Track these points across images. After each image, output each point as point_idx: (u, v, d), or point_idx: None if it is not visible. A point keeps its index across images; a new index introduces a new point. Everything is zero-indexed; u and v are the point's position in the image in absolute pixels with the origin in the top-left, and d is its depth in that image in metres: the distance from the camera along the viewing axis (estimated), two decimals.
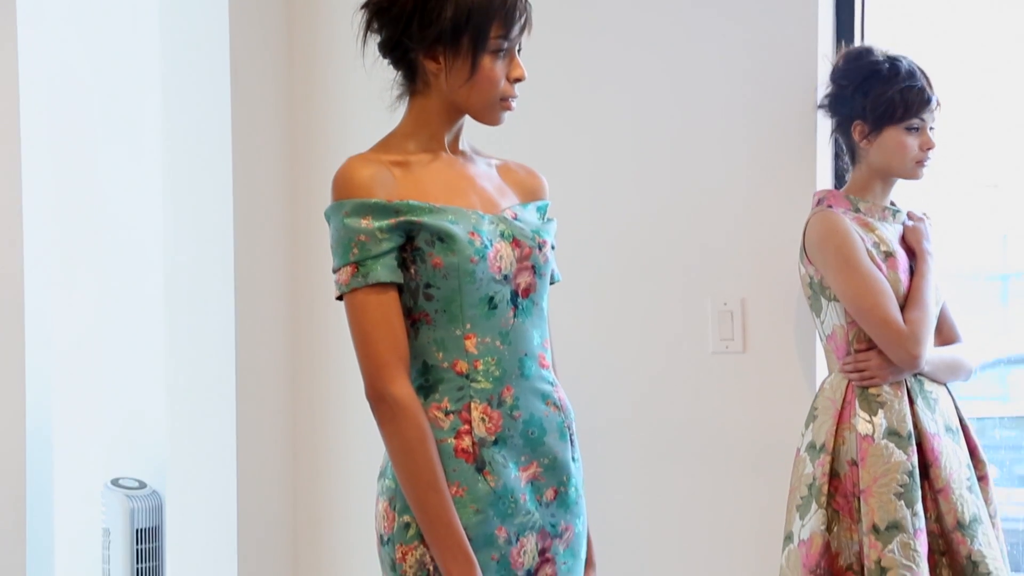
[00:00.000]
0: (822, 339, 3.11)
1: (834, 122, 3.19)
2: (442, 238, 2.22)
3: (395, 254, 2.21)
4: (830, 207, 3.09)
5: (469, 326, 2.25)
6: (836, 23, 3.40)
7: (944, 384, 3.07)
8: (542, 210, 2.41)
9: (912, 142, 3.06)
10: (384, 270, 2.19)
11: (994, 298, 3.73)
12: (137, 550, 4.12)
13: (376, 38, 2.30)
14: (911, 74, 3.05)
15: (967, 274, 3.60)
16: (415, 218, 2.21)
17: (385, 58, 2.31)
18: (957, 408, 3.07)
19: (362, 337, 2.19)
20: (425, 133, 2.31)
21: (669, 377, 3.46)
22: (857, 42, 3.35)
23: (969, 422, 3.08)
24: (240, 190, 3.88)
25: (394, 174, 2.25)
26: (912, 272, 3.05)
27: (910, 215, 3.15)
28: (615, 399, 3.51)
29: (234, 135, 3.85)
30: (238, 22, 3.86)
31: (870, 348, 2.99)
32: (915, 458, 2.91)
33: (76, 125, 4.29)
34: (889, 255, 3.03)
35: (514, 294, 2.28)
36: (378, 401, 2.19)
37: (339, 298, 2.23)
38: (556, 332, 2.45)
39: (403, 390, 2.18)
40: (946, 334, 3.12)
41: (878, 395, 2.97)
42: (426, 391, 2.25)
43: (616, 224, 3.53)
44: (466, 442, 2.23)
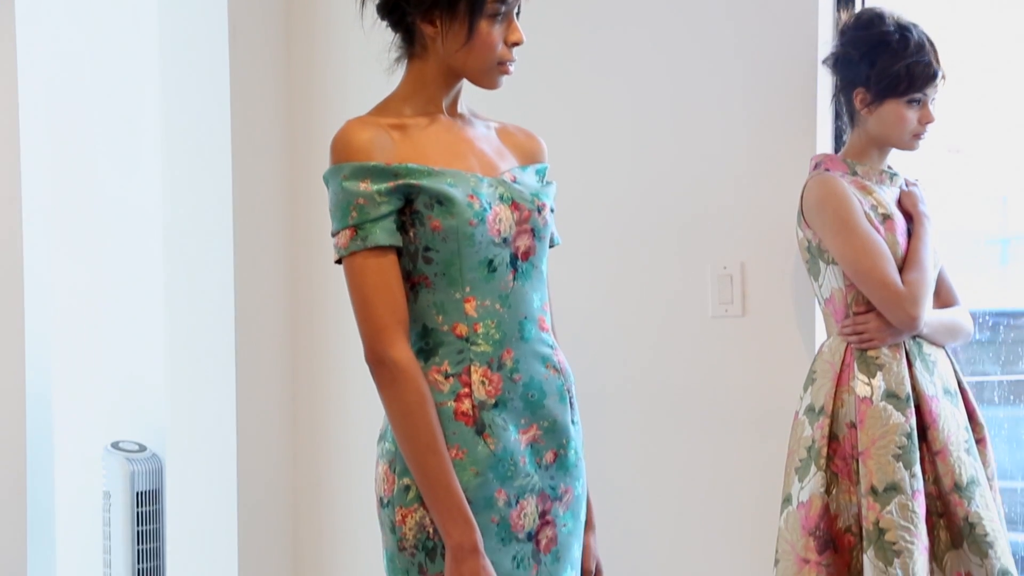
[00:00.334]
0: (820, 302, 3.11)
1: (836, 83, 3.17)
2: (441, 201, 2.21)
3: (394, 217, 2.20)
4: (827, 171, 3.08)
5: (469, 289, 2.24)
6: None
7: (943, 347, 3.07)
8: (541, 173, 2.40)
9: (912, 115, 3.04)
10: (383, 233, 2.18)
11: (994, 261, 3.73)
12: (137, 512, 4.14)
13: (375, 0, 2.28)
14: (920, 47, 3.01)
15: (967, 237, 3.59)
16: (414, 181, 2.20)
17: (383, 20, 2.30)
18: (956, 371, 3.07)
19: (361, 301, 2.18)
20: (423, 96, 2.29)
21: (669, 341, 3.46)
22: (858, 7, 3.33)
23: (967, 385, 3.09)
24: (239, 150, 3.88)
25: (392, 137, 2.23)
26: (910, 235, 3.05)
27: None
28: (615, 363, 3.51)
29: (233, 121, 3.86)
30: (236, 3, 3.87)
31: (868, 311, 2.99)
32: (913, 420, 2.91)
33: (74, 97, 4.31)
34: (887, 218, 3.02)
35: (513, 257, 2.27)
36: (377, 364, 2.18)
37: (338, 261, 2.22)
38: (556, 296, 2.44)
39: (402, 353, 2.18)
40: (944, 297, 3.12)
41: (877, 357, 2.97)
42: (426, 354, 2.24)
43: (615, 188, 3.52)
44: (466, 405, 2.22)
